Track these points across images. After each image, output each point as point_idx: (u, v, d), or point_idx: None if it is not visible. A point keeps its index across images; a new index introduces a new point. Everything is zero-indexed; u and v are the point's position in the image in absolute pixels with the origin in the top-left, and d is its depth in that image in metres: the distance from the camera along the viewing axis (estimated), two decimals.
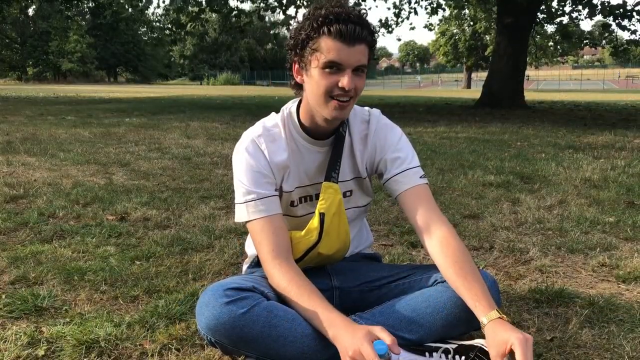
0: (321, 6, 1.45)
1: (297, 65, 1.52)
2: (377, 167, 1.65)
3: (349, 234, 1.64)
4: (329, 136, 1.60)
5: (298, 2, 14.29)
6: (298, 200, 1.64)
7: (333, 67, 1.43)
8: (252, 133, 1.58)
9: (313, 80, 1.47)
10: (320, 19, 1.42)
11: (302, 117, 1.58)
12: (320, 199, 1.59)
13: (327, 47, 1.42)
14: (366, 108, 1.70)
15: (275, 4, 14.68)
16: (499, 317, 1.34)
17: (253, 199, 1.52)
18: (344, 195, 1.65)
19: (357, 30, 1.41)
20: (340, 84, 1.43)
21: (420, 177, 1.60)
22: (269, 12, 15.16)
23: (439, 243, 1.50)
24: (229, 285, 1.42)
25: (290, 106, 1.62)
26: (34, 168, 4.60)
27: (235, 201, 1.56)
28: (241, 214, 1.54)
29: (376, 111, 1.68)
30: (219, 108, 13.46)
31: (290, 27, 1.53)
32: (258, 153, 1.55)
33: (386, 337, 1.26)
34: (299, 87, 1.56)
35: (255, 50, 69.28)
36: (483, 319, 1.35)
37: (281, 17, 15.06)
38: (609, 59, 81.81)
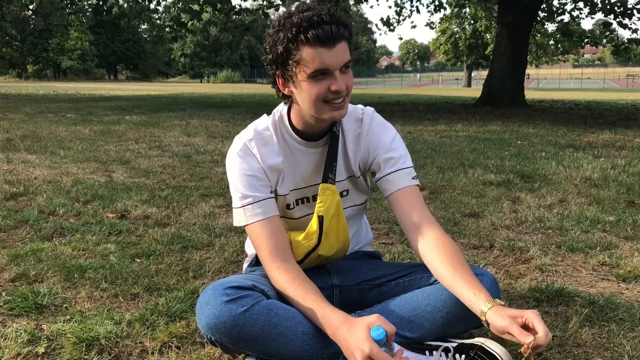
0: (291, 14, 1.40)
1: (281, 79, 1.47)
2: (370, 166, 1.63)
3: (348, 234, 1.63)
4: (322, 136, 1.59)
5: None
6: (294, 202, 1.63)
7: (323, 73, 1.40)
8: (244, 137, 1.56)
9: (304, 91, 1.43)
10: (294, 28, 1.36)
11: (294, 120, 1.56)
12: (318, 201, 1.58)
13: (309, 56, 1.37)
14: (359, 106, 1.67)
15: (279, 1, 14.58)
16: (501, 304, 1.31)
17: (249, 203, 1.51)
18: (341, 195, 1.63)
19: (333, 30, 1.37)
20: (332, 88, 1.40)
21: (412, 178, 1.58)
22: (272, 10, 14.98)
23: (432, 241, 1.48)
24: (229, 284, 1.41)
25: (282, 109, 1.60)
26: (34, 165, 4.60)
27: (233, 206, 1.56)
28: (239, 218, 1.54)
29: (370, 109, 1.65)
30: (219, 106, 13.45)
31: (264, 37, 1.48)
32: (250, 157, 1.53)
33: (385, 325, 1.25)
34: (287, 97, 1.53)
35: (256, 48, 69.16)
36: (482, 306, 1.30)
37: None
38: (609, 58, 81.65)
